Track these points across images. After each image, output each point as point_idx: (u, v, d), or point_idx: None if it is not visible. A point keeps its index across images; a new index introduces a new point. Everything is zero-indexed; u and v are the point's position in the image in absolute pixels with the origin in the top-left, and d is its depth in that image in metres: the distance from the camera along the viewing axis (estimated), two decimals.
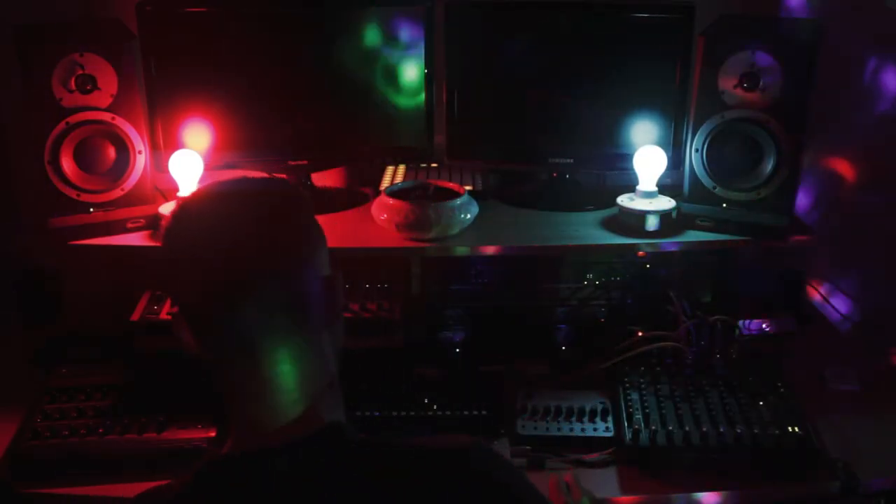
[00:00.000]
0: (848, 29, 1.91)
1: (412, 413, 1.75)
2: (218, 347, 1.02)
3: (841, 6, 1.94)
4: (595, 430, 1.70)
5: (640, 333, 1.90)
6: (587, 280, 2.06)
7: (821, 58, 1.69)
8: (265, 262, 1.00)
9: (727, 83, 1.76)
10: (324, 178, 2.12)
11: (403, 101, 1.99)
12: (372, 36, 1.94)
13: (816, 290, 2.13)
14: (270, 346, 1.00)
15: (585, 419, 1.73)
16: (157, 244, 1.77)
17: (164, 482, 1.11)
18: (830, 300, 2.10)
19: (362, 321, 1.89)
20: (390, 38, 1.94)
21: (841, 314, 2.06)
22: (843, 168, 2.06)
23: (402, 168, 2.15)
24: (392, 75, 1.97)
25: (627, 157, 1.90)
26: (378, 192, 1.90)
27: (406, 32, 1.94)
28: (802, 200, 2.05)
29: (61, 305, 2.08)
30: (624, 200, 1.87)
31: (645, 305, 2.01)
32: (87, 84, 1.74)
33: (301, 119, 1.97)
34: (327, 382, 1.06)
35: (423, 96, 1.98)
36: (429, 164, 2.14)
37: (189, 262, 1.00)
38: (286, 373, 1.02)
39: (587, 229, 1.88)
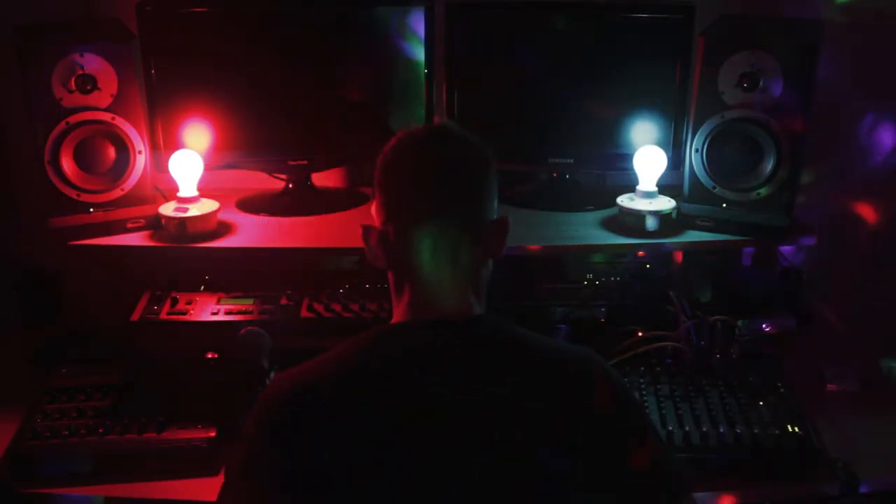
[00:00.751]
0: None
1: None
2: (402, 256, 1.23)
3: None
4: None
5: (640, 333, 1.90)
6: (587, 280, 2.06)
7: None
8: (464, 196, 1.23)
9: (727, 83, 1.76)
10: (324, 178, 2.12)
11: (404, 102, 1.99)
12: (372, 36, 1.94)
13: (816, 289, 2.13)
14: (449, 263, 1.22)
15: None
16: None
17: (164, 481, 1.11)
18: (830, 300, 2.10)
19: (362, 321, 1.89)
20: (390, 37, 1.94)
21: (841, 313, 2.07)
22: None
23: None
24: (392, 75, 1.97)
25: (627, 157, 1.90)
26: None
27: (406, 32, 1.94)
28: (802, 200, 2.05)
29: (61, 305, 2.07)
30: (624, 200, 1.87)
31: (645, 305, 2.01)
32: (87, 84, 1.74)
33: (301, 119, 1.97)
34: (480, 292, 1.28)
35: (423, 96, 1.98)
36: None
37: (403, 187, 1.24)
38: (452, 281, 1.23)
39: (587, 229, 1.88)
